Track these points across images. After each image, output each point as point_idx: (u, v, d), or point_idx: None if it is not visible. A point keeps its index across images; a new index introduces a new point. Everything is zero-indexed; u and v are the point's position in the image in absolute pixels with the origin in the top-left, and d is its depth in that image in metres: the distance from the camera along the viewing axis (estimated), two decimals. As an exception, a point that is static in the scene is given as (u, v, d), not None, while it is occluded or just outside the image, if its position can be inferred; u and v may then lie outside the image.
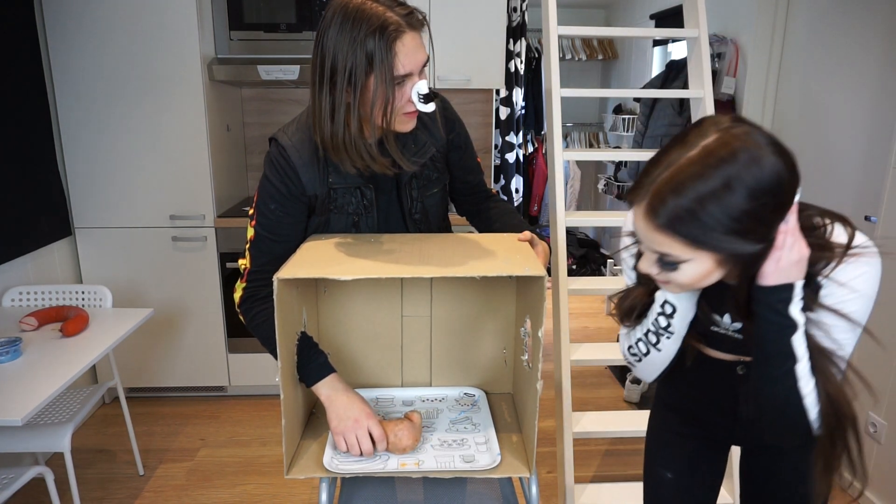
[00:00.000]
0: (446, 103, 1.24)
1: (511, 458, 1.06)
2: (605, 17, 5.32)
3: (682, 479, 1.19)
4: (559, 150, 2.06)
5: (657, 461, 1.22)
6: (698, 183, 0.74)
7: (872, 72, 2.36)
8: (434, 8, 2.77)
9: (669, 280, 0.85)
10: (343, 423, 1.06)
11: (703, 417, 1.14)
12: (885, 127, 2.31)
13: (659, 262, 0.83)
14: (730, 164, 0.73)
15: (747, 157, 0.74)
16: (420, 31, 1.02)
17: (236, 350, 2.84)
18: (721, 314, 0.99)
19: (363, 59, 0.97)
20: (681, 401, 1.17)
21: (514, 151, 4.24)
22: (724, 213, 0.74)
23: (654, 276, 0.86)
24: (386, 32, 0.96)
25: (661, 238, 0.79)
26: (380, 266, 0.97)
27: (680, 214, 0.75)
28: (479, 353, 1.28)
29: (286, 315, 1.01)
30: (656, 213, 0.77)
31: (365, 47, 0.96)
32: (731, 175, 0.73)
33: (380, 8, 0.98)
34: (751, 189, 0.73)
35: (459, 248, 1.07)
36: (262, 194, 1.14)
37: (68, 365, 1.65)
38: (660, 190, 0.77)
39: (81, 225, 2.65)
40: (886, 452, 2.09)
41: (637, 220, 0.81)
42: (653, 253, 0.83)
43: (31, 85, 2.39)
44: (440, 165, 1.23)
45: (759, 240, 0.78)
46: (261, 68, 2.62)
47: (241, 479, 2.31)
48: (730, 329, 0.99)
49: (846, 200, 2.50)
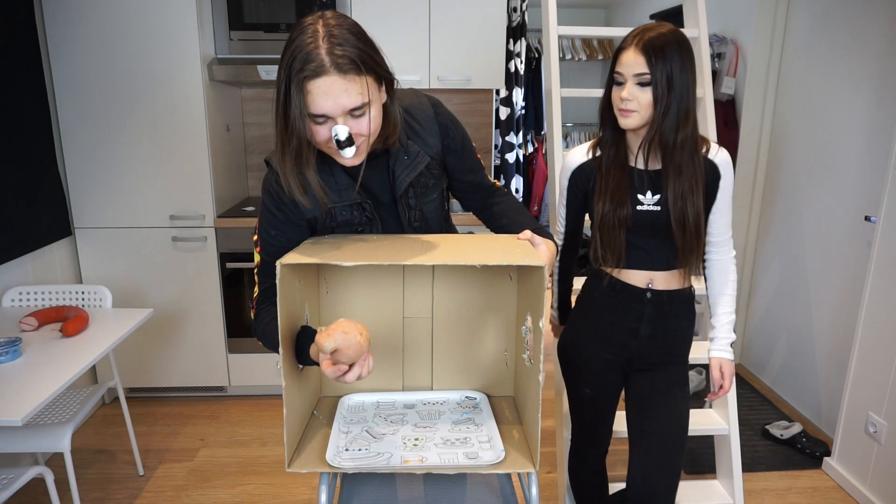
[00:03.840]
0: (438, 107, 1.20)
1: (515, 453, 1.06)
2: (605, 17, 5.32)
3: (599, 396, 1.53)
4: (559, 150, 2.06)
5: (580, 380, 1.54)
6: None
7: (872, 72, 2.36)
8: (434, 8, 2.77)
9: (636, 98, 1.29)
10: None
11: (613, 339, 1.48)
12: (885, 127, 2.31)
13: (637, 84, 1.28)
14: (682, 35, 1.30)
15: (684, 36, 1.30)
16: (350, 75, 0.93)
17: (236, 350, 2.84)
18: (644, 193, 1.38)
19: (282, 87, 0.94)
20: (596, 326, 1.50)
21: (514, 151, 4.24)
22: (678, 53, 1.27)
23: (624, 99, 1.30)
24: (303, 70, 0.92)
25: (642, 60, 1.27)
26: (380, 254, 0.98)
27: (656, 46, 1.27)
28: (481, 355, 1.28)
29: (289, 303, 1.02)
30: (644, 48, 1.27)
31: (286, 75, 0.94)
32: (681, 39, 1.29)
33: (312, 44, 0.92)
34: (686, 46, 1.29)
35: (459, 244, 1.09)
36: (262, 222, 1.16)
37: (68, 365, 1.65)
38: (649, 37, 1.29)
39: (81, 225, 2.65)
40: (886, 452, 2.09)
41: (627, 57, 1.29)
42: (633, 77, 1.28)
43: (31, 85, 2.39)
44: (437, 172, 1.21)
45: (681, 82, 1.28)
46: (261, 68, 2.62)
47: (241, 479, 2.31)
48: (651, 204, 1.37)
49: (846, 200, 2.50)
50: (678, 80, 1.26)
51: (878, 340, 2.13)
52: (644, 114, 1.30)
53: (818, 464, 2.41)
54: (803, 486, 2.29)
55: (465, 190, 1.29)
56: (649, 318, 1.44)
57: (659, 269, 1.42)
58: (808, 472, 2.38)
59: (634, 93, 1.29)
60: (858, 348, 2.21)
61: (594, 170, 1.43)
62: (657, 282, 1.43)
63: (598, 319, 1.49)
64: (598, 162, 1.43)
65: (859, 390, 2.22)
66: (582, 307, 1.55)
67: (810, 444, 2.48)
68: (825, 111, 2.63)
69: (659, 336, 1.46)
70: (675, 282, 1.44)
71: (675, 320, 1.46)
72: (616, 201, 1.37)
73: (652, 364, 1.49)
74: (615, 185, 1.38)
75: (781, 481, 2.31)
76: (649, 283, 1.43)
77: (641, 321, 1.44)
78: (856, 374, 2.23)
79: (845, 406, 2.28)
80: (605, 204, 1.38)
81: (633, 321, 1.45)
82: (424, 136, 1.17)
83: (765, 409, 2.84)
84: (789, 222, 2.89)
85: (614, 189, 1.37)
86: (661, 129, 1.29)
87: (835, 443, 2.34)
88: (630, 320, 1.45)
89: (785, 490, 2.26)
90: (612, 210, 1.37)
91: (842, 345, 2.52)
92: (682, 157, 1.31)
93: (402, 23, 2.77)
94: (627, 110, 1.31)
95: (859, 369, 2.21)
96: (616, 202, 1.37)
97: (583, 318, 1.54)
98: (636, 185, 1.38)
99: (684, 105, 1.28)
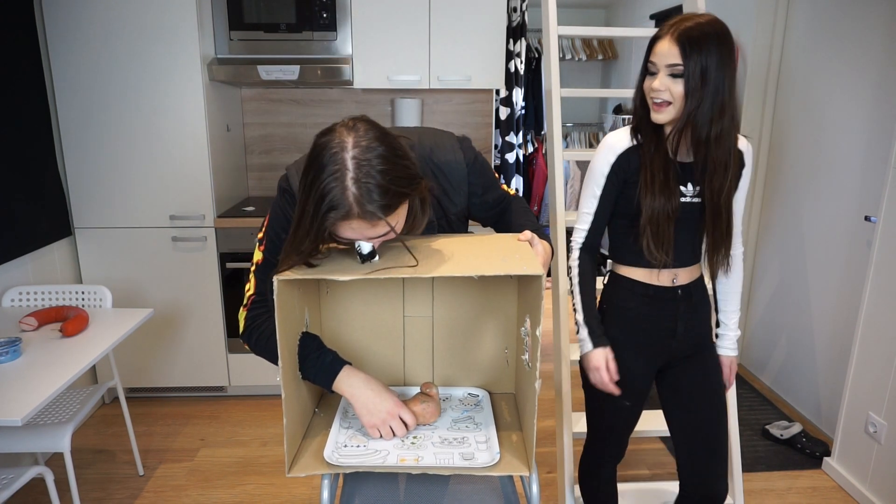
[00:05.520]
0: (471, 165, 1.18)
1: (510, 456, 1.06)
2: (605, 17, 5.32)
3: (635, 405, 1.51)
4: (559, 150, 2.06)
5: (621, 394, 1.46)
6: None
7: (872, 72, 2.36)
8: (434, 8, 2.77)
9: (669, 89, 1.26)
10: (375, 416, 1.09)
11: (652, 344, 1.46)
12: (885, 127, 2.31)
13: (669, 75, 1.25)
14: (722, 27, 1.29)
15: (725, 28, 1.29)
16: (376, 220, 0.93)
17: (236, 350, 2.84)
18: (685, 185, 1.35)
19: (306, 216, 0.93)
20: (634, 337, 1.46)
21: (514, 151, 4.24)
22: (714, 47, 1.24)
23: (656, 90, 1.27)
24: (329, 213, 0.91)
25: (676, 51, 1.23)
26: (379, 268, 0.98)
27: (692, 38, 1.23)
28: (481, 353, 1.29)
29: (287, 315, 1.02)
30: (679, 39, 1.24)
31: (312, 209, 0.92)
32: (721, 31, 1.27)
33: (339, 186, 0.90)
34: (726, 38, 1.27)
35: (459, 249, 1.08)
36: (272, 222, 1.15)
37: (68, 365, 1.65)
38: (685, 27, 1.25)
39: (81, 225, 2.65)
40: (886, 452, 2.09)
41: (661, 46, 1.26)
42: (665, 68, 1.25)
43: (31, 85, 2.39)
44: (456, 224, 1.23)
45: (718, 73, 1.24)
46: (261, 68, 2.62)
47: (241, 479, 2.31)
48: (692, 196, 1.35)
49: (846, 200, 2.50)
50: (713, 74, 1.22)
51: (878, 340, 2.13)
52: (678, 105, 1.26)
53: (818, 464, 2.41)
54: (803, 486, 2.29)
55: (485, 219, 1.31)
56: (684, 314, 1.44)
57: (686, 264, 1.42)
58: (808, 472, 2.38)
59: (667, 83, 1.25)
60: (858, 348, 2.21)
61: (639, 158, 1.37)
62: (681, 276, 1.43)
63: (635, 330, 1.46)
64: (642, 151, 1.37)
65: (859, 390, 2.22)
66: (615, 318, 1.48)
67: (810, 444, 2.48)
68: (825, 111, 2.63)
69: (692, 329, 1.46)
70: (695, 273, 1.45)
71: (703, 309, 1.48)
72: (666, 194, 1.32)
73: (685, 357, 1.49)
74: (663, 176, 1.33)
75: (781, 481, 2.31)
76: (675, 280, 1.42)
77: (677, 319, 1.44)
78: (856, 374, 2.23)
79: (845, 406, 2.28)
80: (656, 197, 1.32)
81: (670, 321, 1.44)
82: (453, 196, 1.18)
83: (765, 409, 2.84)
84: (789, 222, 2.89)
85: (663, 181, 1.32)
86: (693, 122, 1.26)
87: (835, 443, 2.34)
88: (667, 321, 1.44)
89: (785, 490, 2.26)
90: (663, 203, 1.32)
91: (842, 345, 2.52)
92: (719, 151, 1.28)
93: (402, 23, 2.77)
94: (660, 103, 1.28)
95: (859, 369, 2.21)
96: (666, 195, 1.32)
97: (619, 331, 1.47)
98: (679, 178, 1.35)
99: (719, 98, 1.24)
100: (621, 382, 1.45)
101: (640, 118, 1.37)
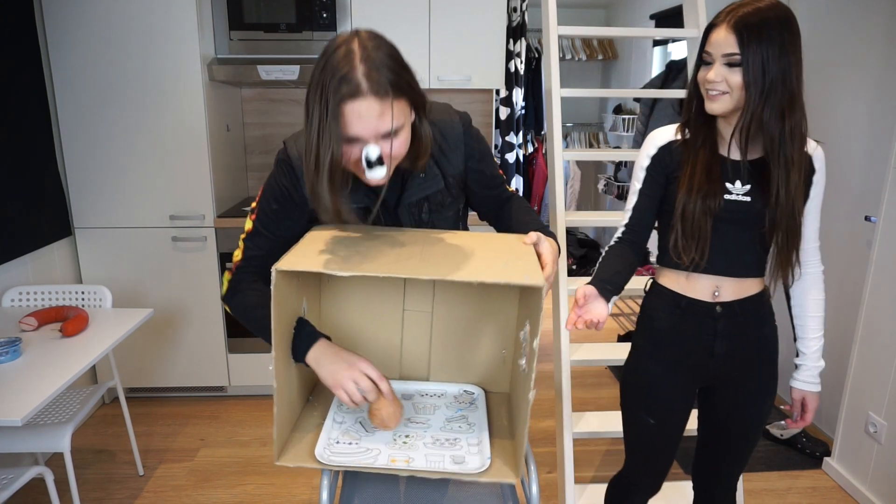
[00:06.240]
0: (468, 126, 1.19)
1: (500, 462, 1.05)
2: (605, 17, 5.32)
3: (664, 424, 1.38)
4: (559, 150, 2.06)
5: (641, 407, 1.39)
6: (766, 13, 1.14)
7: (872, 72, 2.36)
8: (434, 8, 2.77)
9: (726, 79, 1.15)
10: (336, 372, 1.03)
11: (685, 360, 1.34)
12: (885, 127, 2.31)
13: (725, 64, 1.15)
14: (784, 10, 1.15)
15: (788, 11, 1.15)
16: (387, 99, 0.95)
17: (236, 350, 2.84)
18: (733, 182, 1.24)
19: (317, 108, 0.95)
20: (666, 349, 1.35)
21: (514, 151, 4.24)
22: (777, 32, 1.12)
23: (711, 81, 1.17)
24: (339, 91, 0.92)
25: (733, 39, 1.13)
26: (380, 265, 0.97)
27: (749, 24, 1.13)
28: (479, 351, 1.28)
29: (282, 303, 1.01)
30: (735, 25, 1.13)
31: (322, 95, 0.94)
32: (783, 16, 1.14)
33: (347, 65, 0.93)
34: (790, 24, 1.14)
35: (463, 251, 1.07)
36: (267, 193, 1.15)
37: (68, 365, 1.65)
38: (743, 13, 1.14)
39: (81, 225, 2.65)
40: (886, 452, 2.09)
41: (717, 35, 1.15)
42: (721, 57, 1.15)
43: (31, 85, 2.39)
44: (455, 191, 1.22)
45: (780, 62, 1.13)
46: (261, 68, 2.62)
47: (241, 479, 2.31)
48: (741, 193, 1.23)
49: (846, 200, 2.50)
50: (774, 64, 1.11)
51: (878, 340, 2.13)
52: (735, 96, 1.16)
53: (818, 464, 2.41)
54: (803, 486, 2.29)
55: (482, 203, 1.30)
56: (724, 332, 1.30)
57: (731, 273, 1.28)
58: (808, 472, 2.38)
59: (723, 73, 1.15)
60: (858, 348, 2.21)
61: (682, 153, 1.28)
62: (725, 291, 1.29)
63: (666, 341, 1.35)
64: (686, 146, 1.27)
65: (859, 390, 2.22)
66: (645, 328, 1.39)
67: (810, 444, 2.48)
68: (825, 111, 2.63)
69: (739, 349, 1.32)
70: (748, 288, 1.30)
71: (757, 329, 1.34)
72: (704, 190, 1.22)
73: (731, 378, 1.36)
74: (704, 171, 1.23)
75: (781, 481, 2.31)
76: (716, 293, 1.29)
77: (715, 337, 1.30)
78: (856, 374, 2.23)
79: (845, 406, 2.28)
80: (691, 192, 1.23)
81: (707, 338, 1.31)
82: (450, 156, 1.18)
83: (765, 409, 2.83)
84: (789, 222, 2.89)
85: (702, 176, 1.22)
86: (759, 117, 1.15)
87: (835, 443, 2.34)
88: (703, 338, 1.31)
89: (785, 490, 2.26)
90: (699, 199, 1.22)
91: (842, 345, 2.52)
92: (793, 148, 1.17)
93: (402, 22, 2.77)
94: (716, 94, 1.18)
95: (859, 369, 2.21)
96: (704, 191, 1.22)
97: (647, 341, 1.38)
98: (726, 174, 1.24)
99: (788, 89, 1.13)
100: (644, 395, 1.37)
101: (691, 112, 1.27)
